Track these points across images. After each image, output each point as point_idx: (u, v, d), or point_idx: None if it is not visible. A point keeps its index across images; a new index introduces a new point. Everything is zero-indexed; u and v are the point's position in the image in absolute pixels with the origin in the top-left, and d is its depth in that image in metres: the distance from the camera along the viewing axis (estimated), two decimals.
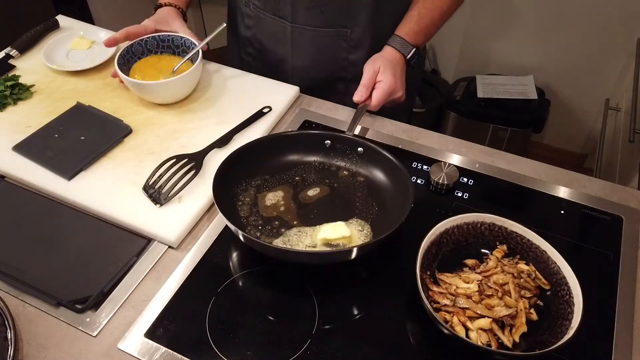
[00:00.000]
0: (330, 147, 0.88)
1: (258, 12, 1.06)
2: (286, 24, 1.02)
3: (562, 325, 0.64)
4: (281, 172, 0.87)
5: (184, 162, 0.85)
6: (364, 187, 0.85)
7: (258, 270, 0.76)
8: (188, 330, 0.69)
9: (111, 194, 0.84)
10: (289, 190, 0.85)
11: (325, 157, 0.89)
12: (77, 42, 1.13)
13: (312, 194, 0.84)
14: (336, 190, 0.85)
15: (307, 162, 0.88)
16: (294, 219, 0.80)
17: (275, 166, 0.87)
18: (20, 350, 0.67)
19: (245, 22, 1.11)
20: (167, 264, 0.77)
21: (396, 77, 0.95)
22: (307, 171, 0.87)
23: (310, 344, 0.67)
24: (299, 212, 0.81)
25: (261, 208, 0.82)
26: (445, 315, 0.66)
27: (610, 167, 1.71)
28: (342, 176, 0.86)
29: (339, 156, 0.88)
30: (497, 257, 0.73)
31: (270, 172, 0.86)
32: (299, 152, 0.88)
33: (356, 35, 1.02)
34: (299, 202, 0.83)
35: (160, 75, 1.00)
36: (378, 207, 0.82)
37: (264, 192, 0.84)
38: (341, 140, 0.87)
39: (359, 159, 0.87)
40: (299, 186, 0.85)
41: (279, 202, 0.83)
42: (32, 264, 0.75)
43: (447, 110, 2.12)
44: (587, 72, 2.03)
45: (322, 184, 0.86)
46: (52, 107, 0.99)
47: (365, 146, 0.85)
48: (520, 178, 0.88)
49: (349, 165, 0.87)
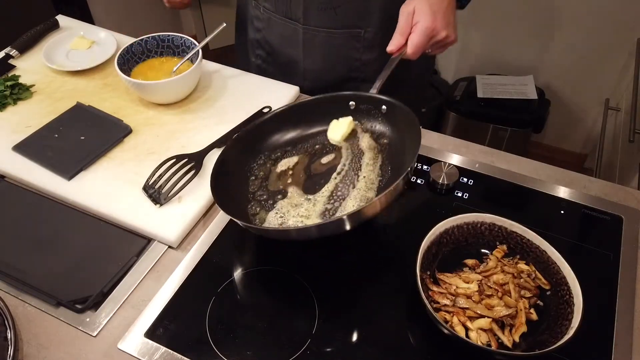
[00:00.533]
0: (355, 109, 0.85)
1: (269, 14, 1.05)
2: (298, 26, 1.01)
3: (562, 325, 0.64)
4: (302, 143, 0.86)
5: (184, 162, 0.85)
6: (382, 151, 0.82)
7: (258, 270, 0.76)
8: (188, 330, 0.69)
9: (111, 194, 0.84)
10: (304, 160, 0.84)
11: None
12: (77, 42, 1.13)
13: (325, 162, 0.83)
14: (348, 159, 0.83)
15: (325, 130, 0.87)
16: (297, 189, 0.80)
17: (295, 138, 0.87)
18: (20, 350, 0.67)
19: (255, 24, 1.10)
20: (167, 264, 0.77)
21: (436, 15, 0.82)
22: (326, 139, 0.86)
23: (310, 344, 0.67)
24: (306, 182, 0.81)
25: (270, 182, 0.81)
26: (445, 315, 0.66)
27: (610, 167, 1.71)
28: (364, 141, 0.84)
29: (364, 116, 0.85)
30: (497, 257, 0.73)
31: (292, 143, 0.86)
32: (322, 116, 0.86)
33: (369, 35, 1.01)
34: (309, 173, 0.82)
35: (161, 77, 1.00)
36: (391, 172, 0.79)
37: (277, 164, 0.84)
38: (364, 99, 0.83)
39: (384, 118, 0.84)
40: (316, 154, 0.85)
41: (289, 172, 0.82)
42: (32, 264, 0.75)
43: (447, 110, 2.12)
44: (587, 72, 2.03)
45: (336, 151, 0.84)
46: (52, 107, 0.99)
47: (389, 103, 0.81)
48: (520, 178, 0.88)
49: (374, 126, 0.84)
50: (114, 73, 1.06)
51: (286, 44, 1.06)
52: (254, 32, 1.12)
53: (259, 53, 1.14)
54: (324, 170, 0.82)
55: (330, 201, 0.78)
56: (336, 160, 0.83)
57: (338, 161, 0.83)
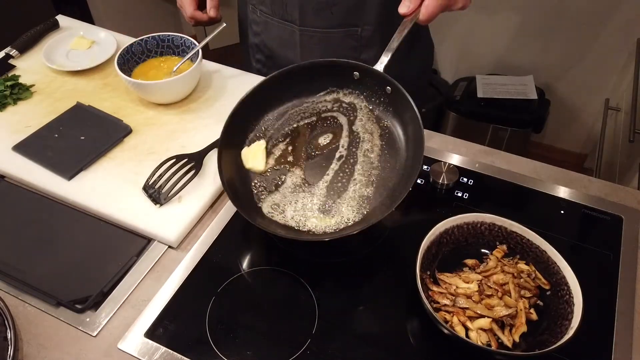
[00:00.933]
0: (358, 80, 0.84)
1: (266, 17, 1.05)
2: (294, 28, 1.01)
3: (562, 325, 0.64)
4: (302, 111, 0.87)
5: (184, 162, 0.85)
6: (381, 136, 0.82)
7: (258, 270, 0.76)
8: (188, 330, 0.69)
9: (111, 194, 0.84)
10: (304, 133, 0.84)
11: (353, 89, 0.86)
12: (77, 42, 1.13)
13: (324, 142, 0.84)
14: (349, 140, 0.83)
15: (333, 91, 0.87)
16: (299, 171, 0.81)
17: (296, 104, 0.87)
18: (20, 350, 0.67)
19: (253, 28, 1.10)
20: (167, 264, 0.77)
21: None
22: (330, 102, 0.86)
23: (310, 344, 0.67)
24: (307, 163, 0.82)
25: (271, 157, 0.82)
26: (445, 315, 0.66)
27: (610, 167, 1.71)
28: (364, 116, 0.84)
29: (367, 90, 0.84)
30: (497, 257, 0.73)
31: (291, 111, 0.87)
32: (324, 82, 0.86)
33: (367, 33, 1.00)
34: (309, 151, 0.83)
35: (161, 77, 1.00)
36: (390, 166, 0.79)
37: (276, 139, 0.84)
38: (369, 73, 0.81)
39: (388, 99, 0.83)
40: (317, 127, 0.85)
41: (288, 149, 0.83)
42: (32, 264, 0.75)
43: (447, 110, 2.12)
44: (587, 72, 2.03)
45: (336, 129, 0.84)
46: (52, 107, 0.99)
47: (393, 85, 0.79)
48: (520, 178, 0.88)
49: (376, 103, 0.84)
50: (114, 73, 1.06)
51: (284, 46, 1.06)
52: (253, 36, 1.12)
53: (259, 57, 1.14)
54: (324, 152, 0.83)
55: (329, 192, 0.78)
56: (335, 141, 0.83)
57: (337, 142, 0.83)
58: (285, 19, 1.02)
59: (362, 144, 0.82)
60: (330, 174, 0.80)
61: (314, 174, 0.80)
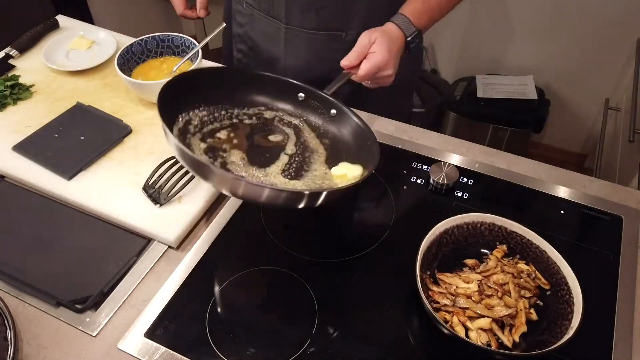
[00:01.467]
0: (303, 101, 0.87)
1: (252, 10, 1.05)
2: (280, 25, 1.02)
3: (562, 325, 0.64)
4: (245, 108, 0.86)
5: None
6: (327, 149, 0.84)
7: (258, 270, 0.76)
8: (188, 330, 0.69)
9: (111, 194, 0.84)
10: (245, 128, 0.84)
11: (295, 109, 0.88)
12: (77, 42, 1.13)
13: (273, 139, 0.84)
14: (297, 145, 0.84)
15: (274, 107, 0.88)
16: (241, 154, 0.80)
17: (240, 99, 0.86)
18: (20, 350, 0.67)
19: (237, 19, 1.10)
20: (167, 264, 0.77)
21: (391, 54, 0.89)
22: (271, 116, 0.87)
23: (310, 344, 0.67)
24: (249, 151, 0.80)
25: (209, 133, 0.81)
26: (445, 315, 0.66)
27: (610, 167, 1.71)
28: (306, 133, 0.86)
29: (310, 112, 0.87)
30: (497, 257, 0.73)
31: (234, 103, 0.85)
32: (269, 94, 0.88)
33: (350, 38, 1.01)
34: (252, 143, 0.82)
35: (161, 77, 1.00)
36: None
37: (220, 120, 0.83)
38: (316, 97, 0.86)
39: (330, 121, 0.86)
40: (257, 129, 0.84)
41: (230, 135, 0.82)
42: (32, 264, 0.75)
43: (447, 110, 2.12)
44: (587, 72, 2.03)
45: (283, 134, 0.85)
46: (52, 107, 0.99)
47: (339, 109, 0.84)
48: (520, 178, 0.88)
49: (318, 124, 0.87)
50: (114, 73, 1.06)
51: (268, 41, 1.07)
52: (237, 27, 1.12)
53: (241, 47, 1.14)
54: (270, 145, 0.83)
55: (285, 175, 0.78)
56: (283, 143, 0.84)
57: (285, 143, 0.84)
58: (271, 15, 1.02)
59: (312, 156, 0.83)
60: (280, 164, 0.80)
61: (259, 160, 0.79)
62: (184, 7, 1.06)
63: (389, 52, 0.88)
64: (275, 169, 0.79)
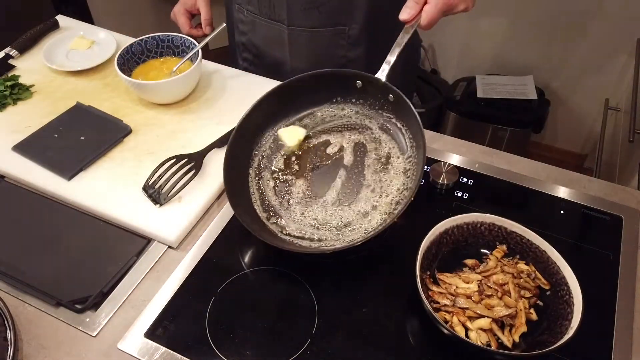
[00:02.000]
0: (362, 89, 0.85)
1: (253, 17, 1.05)
2: (282, 27, 1.02)
3: (562, 325, 0.64)
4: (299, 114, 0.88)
5: (183, 162, 0.85)
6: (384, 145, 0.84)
7: (258, 270, 0.76)
8: (188, 330, 0.69)
9: (111, 194, 0.84)
10: (307, 149, 0.85)
11: (354, 104, 0.88)
12: (77, 42, 1.13)
13: (330, 152, 0.85)
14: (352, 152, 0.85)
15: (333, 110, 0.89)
16: (303, 183, 0.81)
17: (296, 109, 0.88)
18: (20, 350, 0.67)
19: (240, 27, 1.11)
20: (167, 264, 0.77)
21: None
22: (327, 115, 0.88)
23: (310, 344, 0.67)
24: (312, 175, 0.82)
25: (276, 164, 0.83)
26: (445, 315, 0.66)
27: (610, 167, 1.71)
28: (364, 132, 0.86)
29: (370, 100, 0.86)
30: (496, 257, 0.73)
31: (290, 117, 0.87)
32: (327, 94, 0.88)
33: (354, 32, 1.01)
34: (315, 163, 0.83)
35: (160, 77, 1.00)
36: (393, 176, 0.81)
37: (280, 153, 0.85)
38: (373, 83, 0.83)
39: (389, 108, 0.85)
40: (316, 142, 0.86)
41: (294, 161, 0.83)
42: (32, 264, 0.75)
43: (447, 110, 2.12)
44: (587, 72, 2.03)
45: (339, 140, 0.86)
46: (52, 107, 0.99)
47: (396, 95, 0.81)
48: (520, 178, 0.88)
49: (377, 113, 0.86)
50: (113, 73, 1.06)
51: (272, 45, 1.07)
52: (239, 35, 1.12)
53: (246, 56, 1.15)
54: (329, 162, 0.83)
55: (337, 204, 0.79)
56: (340, 153, 0.84)
57: (341, 153, 0.84)
58: (273, 18, 1.02)
59: (368, 154, 0.83)
60: (337, 184, 0.81)
61: (320, 184, 0.81)
62: (189, 27, 1.11)
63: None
64: (330, 196, 0.80)
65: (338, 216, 0.78)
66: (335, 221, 0.77)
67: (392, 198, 0.78)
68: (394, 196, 0.78)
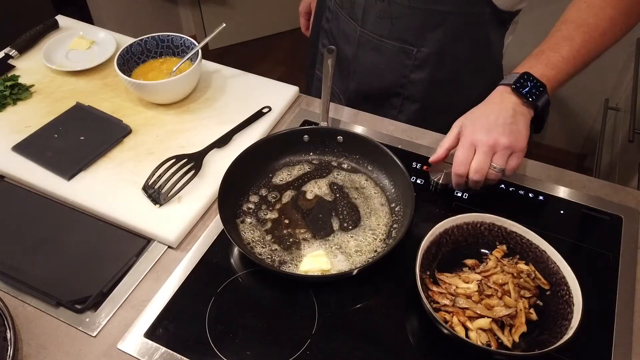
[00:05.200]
0: (309, 142, 0.89)
1: (336, 8, 1.07)
2: (356, 27, 1.02)
3: (562, 325, 0.64)
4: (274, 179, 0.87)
5: (183, 162, 0.85)
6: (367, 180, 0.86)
7: (258, 270, 0.76)
8: (188, 331, 0.69)
9: (111, 194, 0.84)
10: (290, 195, 0.84)
11: (315, 154, 0.90)
12: (77, 42, 1.13)
13: (310, 197, 0.84)
14: (331, 188, 0.86)
15: (296, 161, 0.89)
16: (302, 228, 0.80)
17: (270, 169, 0.88)
18: (20, 350, 0.67)
19: (327, 14, 1.13)
20: (167, 264, 0.77)
21: (490, 131, 0.75)
22: (299, 171, 0.88)
23: (310, 344, 0.67)
24: (305, 220, 0.81)
25: (264, 222, 0.81)
26: (445, 315, 0.66)
27: (610, 167, 1.71)
28: (335, 172, 0.88)
29: (321, 151, 0.90)
30: (496, 257, 0.73)
31: (265, 184, 0.86)
32: (284, 155, 0.89)
33: (422, 55, 0.98)
34: (302, 211, 0.82)
35: (160, 77, 1.00)
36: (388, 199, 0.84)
37: (263, 209, 0.82)
38: (317, 132, 0.88)
39: (341, 149, 0.89)
40: (294, 193, 0.85)
41: (282, 218, 0.81)
42: (32, 264, 0.75)
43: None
44: (586, 72, 2.00)
45: (317, 181, 0.87)
46: (51, 107, 0.99)
47: (343, 133, 0.87)
48: (520, 178, 0.88)
49: (340, 161, 0.89)
50: (113, 73, 1.06)
51: (344, 40, 1.07)
52: (325, 22, 1.14)
53: (325, 42, 1.16)
54: (313, 206, 0.83)
55: (346, 228, 0.80)
56: (321, 194, 0.85)
57: (323, 195, 0.85)
58: (351, 16, 1.03)
59: (350, 193, 0.85)
60: (335, 219, 0.81)
61: (319, 228, 0.80)
62: (305, 29, 1.32)
63: (487, 131, 0.75)
64: (336, 226, 0.80)
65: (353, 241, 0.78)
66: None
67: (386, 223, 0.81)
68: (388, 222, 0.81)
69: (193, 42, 1.02)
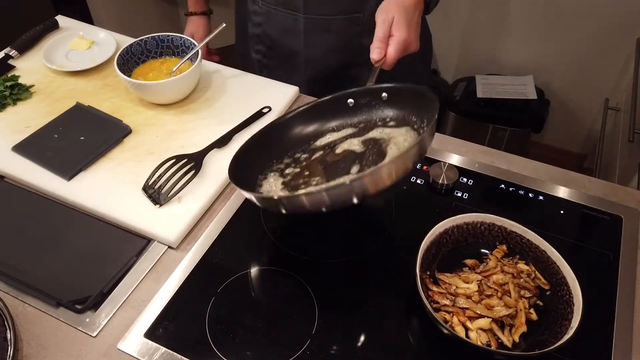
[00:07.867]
0: (355, 106, 0.84)
1: (268, 7, 1.06)
2: (299, 17, 1.02)
3: (562, 325, 0.64)
4: (305, 145, 0.84)
5: (183, 162, 0.85)
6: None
7: (258, 270, 0.76)
8: (188, 331, 0.69)
9: (111, 194, 0.84)
10: (316, 158, 0.81)
11: (350, 119, 0.85)
12: (77, 43, 1.13)
13: (340, 151, 0.81)
14: (365, 143, 0.81)
15: (329, 129, 0.85)
16: (320, 179, 0.77)
17: (297, 140, 0.84)
18: (20, 350, 0.67)
19: (254, 19, 1.11)
20: (167, 264, 0.77)
21: (410, 29, 0.85)
22: (332, 139, 0.84)
23: (310, 344, 0.67)
24: (326, 172, 0.78)
25: (287, 179, 0.79)
26: (445, 315, 0.66)
27: (610, 167, 1.71)
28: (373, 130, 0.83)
29: (366, 112, 0.84)
30: (496, 257, 0.73)
31: (292, 149, 0.83)
32: (320, 121, 0.85)
33: (367, 18, 1.01)
34: (326, 164, 0.79)
35: (160, 77, 1.00)
36: None
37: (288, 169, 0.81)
38: (362, 93, 0.82)
39: (386, 106, 0.82)
40: (325, 154, 0.82)
41: (304, 172, 0.79)
42: (32, 264, 0.75)
43: (446, 110, 2.12)
44: (586, 72, 2.03)
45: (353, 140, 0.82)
46: (51, 107, 0.99)
47: (388, 89, 0.80)
48: (520, 178, 0.88)
49: (378, 117, 0.83)
50: (113, 73, 1.06)
51: (287, 35, 1.07)
52: (253, 27, 1.13)
53: (259, 48, 1.15)
54: (340, 157, 0.80)
55: None
56: (351, 147, 0.81)
57: (353, 148, 0.81)
58: (289, 8, 1.03)
59: (381, 144, 0.79)
60: (355, 168, 0.77)
61: (337, 172, 0.77)
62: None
63: (409, 27, 0.84)
64: (354, 170, 0.76)
65: None
66: None
67: None
68: None
69: (193, 42, 1.02)
